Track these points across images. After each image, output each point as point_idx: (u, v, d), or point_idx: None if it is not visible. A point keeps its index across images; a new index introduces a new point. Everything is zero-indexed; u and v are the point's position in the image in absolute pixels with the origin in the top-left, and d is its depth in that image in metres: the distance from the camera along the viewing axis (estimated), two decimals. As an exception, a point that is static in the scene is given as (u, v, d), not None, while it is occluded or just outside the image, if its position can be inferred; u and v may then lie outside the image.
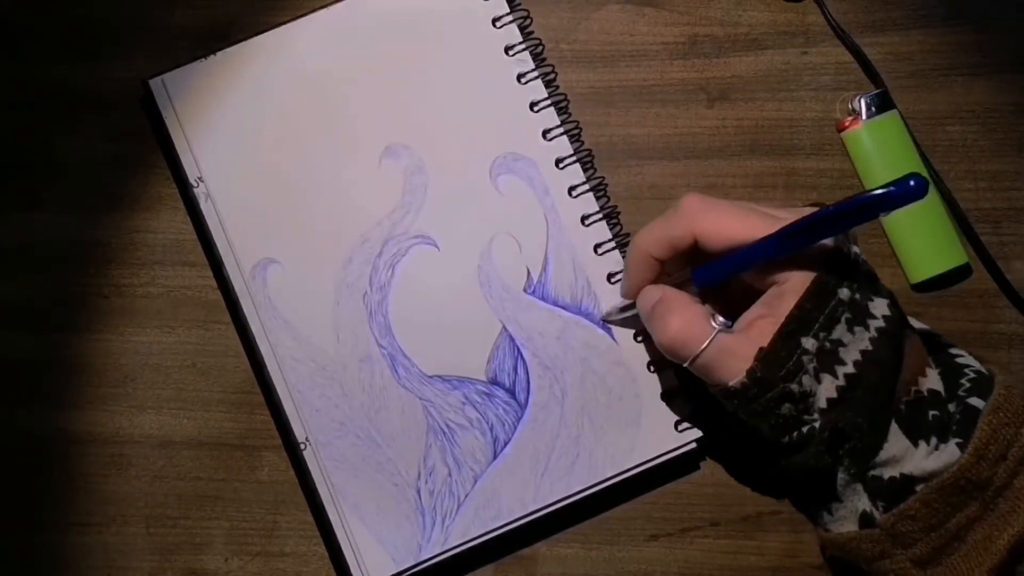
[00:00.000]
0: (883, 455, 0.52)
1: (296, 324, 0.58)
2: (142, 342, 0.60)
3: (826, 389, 0.51)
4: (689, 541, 0.59)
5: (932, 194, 0.60)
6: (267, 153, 0.59)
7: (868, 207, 0.50)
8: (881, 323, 0.52)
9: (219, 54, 0.59)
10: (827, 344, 0.51)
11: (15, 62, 0.62)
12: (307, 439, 0.57)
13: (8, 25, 0.62)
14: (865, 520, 0.53)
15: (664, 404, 0.58)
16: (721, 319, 0.53)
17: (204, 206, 0.59)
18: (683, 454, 0.58)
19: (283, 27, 0.60)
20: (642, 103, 0.62)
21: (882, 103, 0.61)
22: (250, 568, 0.59)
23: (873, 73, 0.61)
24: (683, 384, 0.57)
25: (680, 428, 0.58)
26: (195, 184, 0.59)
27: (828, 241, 0.52)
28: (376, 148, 0.59)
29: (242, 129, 0.59)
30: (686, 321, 0.53)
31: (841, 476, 0.53)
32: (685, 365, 0.53)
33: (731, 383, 0.52)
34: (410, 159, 0.59)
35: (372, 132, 0.59)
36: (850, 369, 0.51)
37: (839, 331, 0.51)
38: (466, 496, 0.57)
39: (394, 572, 0.56)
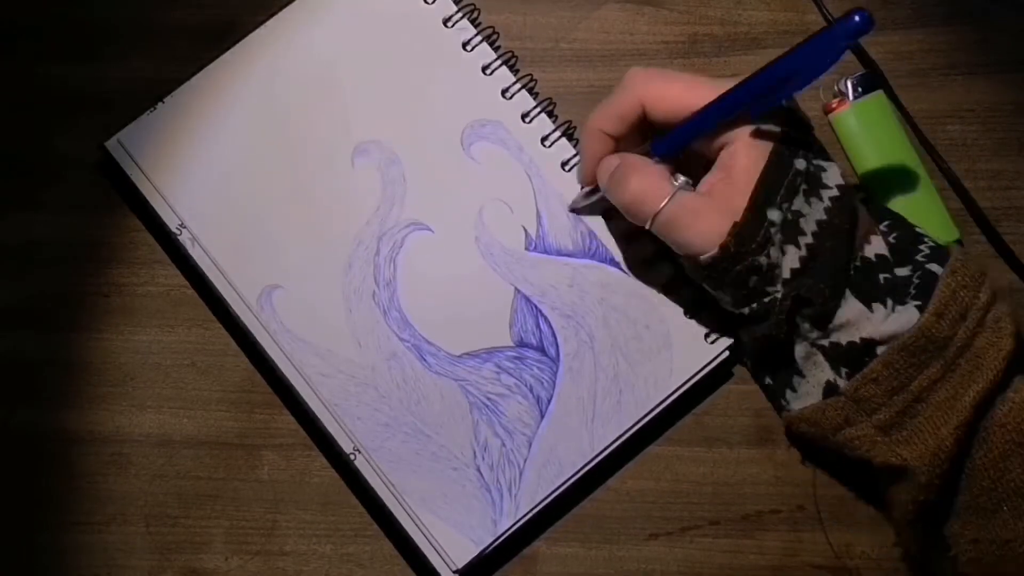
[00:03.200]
0: (839, 319, 0.52)
1: (315, 341, 0.58)
2: (142, 341, 0.60)
3: (790, 260, 0.52)
4: (689, 540, 0.59)
5: (919, 174, 0.60)
6: (241, 183, 0.59)
7: (815, 51, 0.50)
8: (835, 192, 0.53)
9: (167, 100, 0.59)
10: (789, 215, 0.52)
11: (15, 62, 0.62)
12: (356, 449, 0.57)
13: (8, 25, 0.62)
14: (830, 390, 0.53)
15: (689, 320, 0.58)
16: (683, 178, 0.53)
17: (193, 251, 0.58)
18: (717, 365, 0.58)
19: (223, 56, 0.60)
20: (642, 102, 0.62)
21: (868, 84, 0.60)
22: (250, 567, 0.59)
23: (873, 72, 0.61)
24: (702, 296, 0.57)
25: (710, 340, 0.58)
26: (178, 232, 0.58)
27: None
28: (346, 151, 0.59)
29: (211, 166, 0.59)
30: (645, 179, 0.53)
31: (800, 348, 0.53)
32: (647, 227, 0.54)
33: (702, 257, 0.52)
34: (381, 153, 0.59)
35: (338, 137, 0.59)
36: (810, 240, 0.52)
37: (798, 202, 0.52)
38: (525, 461, 0.57)
39: (476, 553, 0.56)
